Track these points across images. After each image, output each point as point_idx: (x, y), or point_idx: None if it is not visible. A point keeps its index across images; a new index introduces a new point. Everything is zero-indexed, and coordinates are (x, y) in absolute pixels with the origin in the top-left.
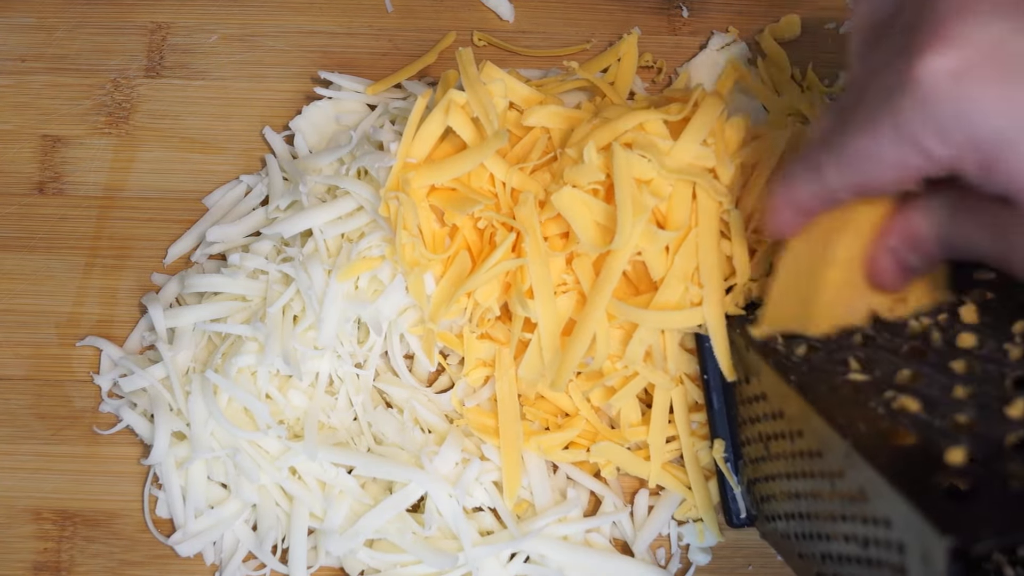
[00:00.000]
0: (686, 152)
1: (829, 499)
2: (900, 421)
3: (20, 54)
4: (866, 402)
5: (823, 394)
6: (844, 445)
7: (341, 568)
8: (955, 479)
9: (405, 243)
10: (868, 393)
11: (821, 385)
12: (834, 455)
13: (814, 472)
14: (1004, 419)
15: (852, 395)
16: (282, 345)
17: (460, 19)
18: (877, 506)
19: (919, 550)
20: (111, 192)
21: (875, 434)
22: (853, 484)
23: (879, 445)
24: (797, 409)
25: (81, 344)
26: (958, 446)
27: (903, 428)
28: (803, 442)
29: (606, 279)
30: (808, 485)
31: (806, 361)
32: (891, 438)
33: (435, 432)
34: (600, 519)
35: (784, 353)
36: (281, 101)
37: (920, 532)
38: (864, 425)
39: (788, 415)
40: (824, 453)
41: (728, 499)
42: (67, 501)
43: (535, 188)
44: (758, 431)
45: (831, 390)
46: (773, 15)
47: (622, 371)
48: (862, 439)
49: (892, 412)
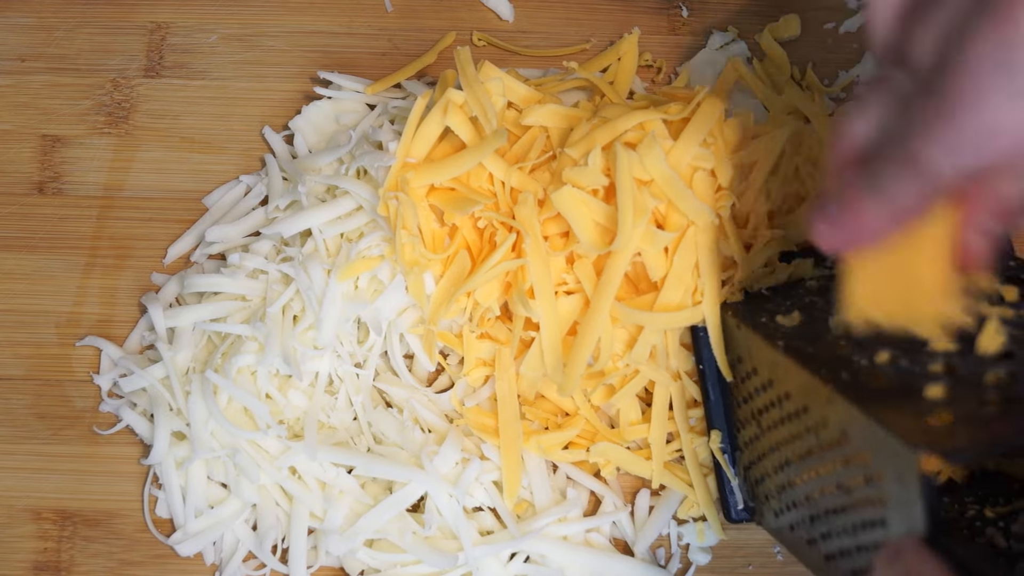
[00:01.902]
0: (685, 152)
1: (816, 455)
2: (882, 370)
3: (20, 54)
4: (850, 356)
5: (808, 354)
6: (826, 391)
7: (341, 568)
8: (931, 407)
9: (405, 243)
10: (852, 351)
11: (807, 347)
12: (817, 405)
13: (800, 432)
14: (983, 363)
15: (837, 351)
16: (282, 345)
17: (460, 19)
18: (855, 442)
19: (894, 473)
20: (111, 192)
21: (856, 380)
22: (835, 430)
23: (859, 387)
24: (784, 370)
25: (81, 344)
26: (937, 383)
27: (885, 374)
28: (790, 404)
29: (608, 282)
30: (796, 448)
31: (794, 330)
32: (872, 381)
33: (435, 432)
34: (600, 519)
35: (772, 326)
36: (281, 101)
37: (893, 452)
38: (846, 374)
39: (776, 380)
40: (809, 407)
41: (726, 492)
42: (67, 501)
43: (534, 187)
44: (751, 409)
45: (816, 351)
46: (773, 15)
47: (623, 370)
48: (843, 384)
49: (874, 364)
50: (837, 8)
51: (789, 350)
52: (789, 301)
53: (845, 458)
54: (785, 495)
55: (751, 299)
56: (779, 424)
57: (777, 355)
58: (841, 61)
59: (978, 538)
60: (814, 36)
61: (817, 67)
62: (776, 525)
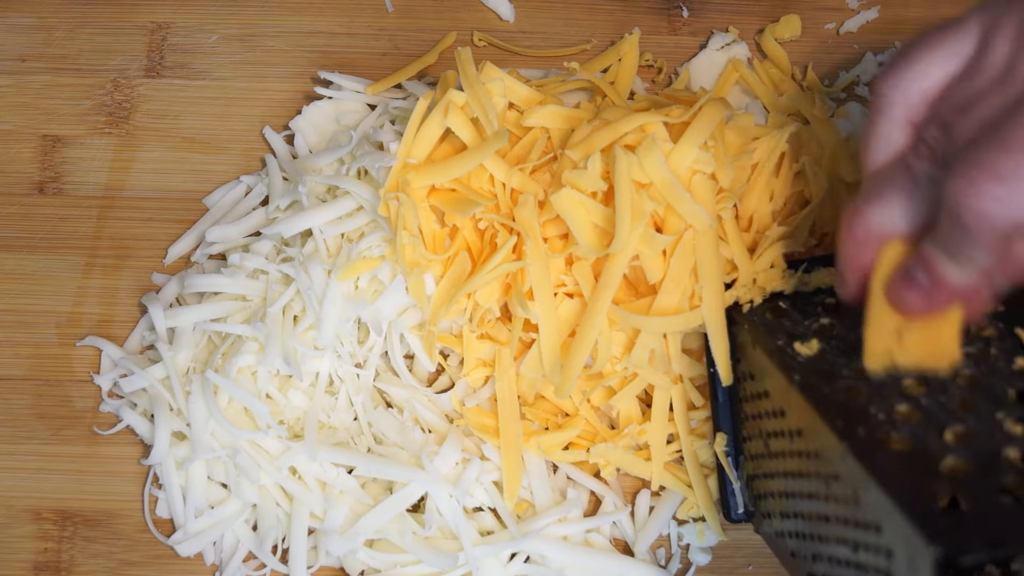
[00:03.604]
0: (685, 155)
1: (824, 501)
2: (899, 428)
3: (20, 54)
4: (866, 406)
5: (825, 396)
6: (841, 448)
7: (341, 568)
8: (949, 489)
9: (405, 243)
10: (870, 398)
11: (824, 387)
12: (831, 457)
13: (810, 472)
14: (1003, 432)
15: (853, 399)
16: (282, 345)
17: (460, 19)
18: (869, 511)
19: (906, 557)
20: (111, 192)
21: (872, 439)
22: (847, 487)
23: (875, 450)
24: (798, 409)
25: (81, 344)
26: (954, 456)
27: (901, 435)
28: (802, 442)
29: (606, 284)
30: (804, 485)
31: (811, 362)
32: (888, 444)
33: (435, 432)
34: (600, 519)
35: (789, 353)
36: (281, 101)
37: (908, 539)
38: (863, 430)
39: (789, 414)
40: (822, 454)
41: (727, 493)
42: (67, 501)
43: (535, 189)
44: (759, 427)
45: (833, 392)
46: (773, 15)
47: (622, 372)
48: (859, 443)
49: (892, 419)
50: (837, 8)
51: (805, 388)
52: (808, 320)
53: (855, 519)
54: (788, 522)
55: (767, 309)
56: (788, 455)
57: (791, 390)
58: (841, 61)
59: None
60: (814, 36)
61: (817, 67)
62: (775, 541)
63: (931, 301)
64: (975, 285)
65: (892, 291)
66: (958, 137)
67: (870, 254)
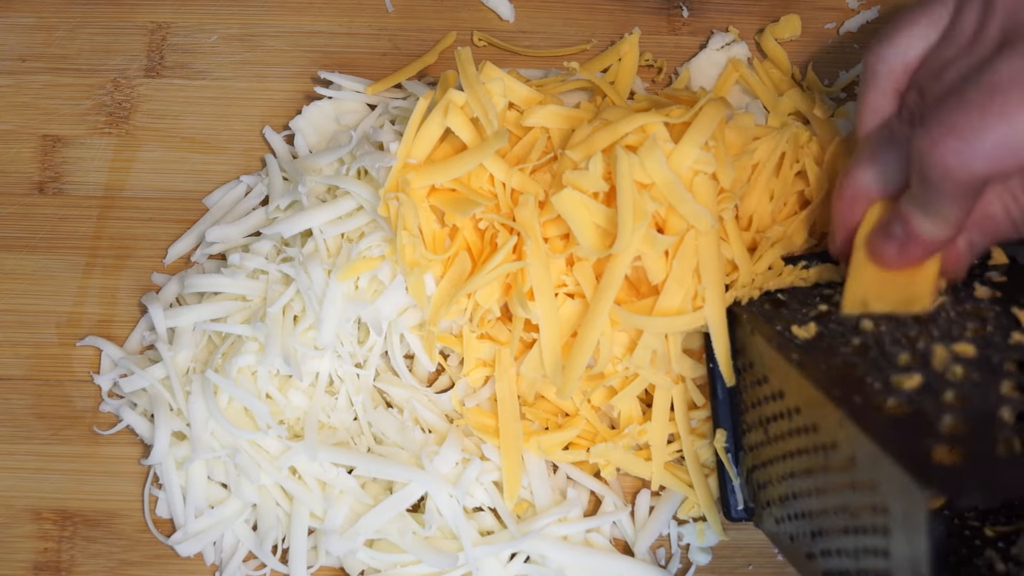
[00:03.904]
0: (686, 156)
1: (822, 473)
2: (895, 395)
3: (20, 54)
4: (863, 377)
5: (822, 371)
6: (838, 414)
7: (341, 568)
8: (944, 444)
9: (405, 243)
10: (866, 370)
11: (820, 363)
12: (828, 426)
13: (808, 447)
14: (998, 395)
15: (850, 371)
16: (282, 345)
17: (460, 19)
18: (864, 469)
19: (901, 509)
20: (111, 192)
21: (869, 405)
22: (844, 453)
23: (872, 414)
24: (796, 386)
25: (81, 344)
26: (950, 416)
27: (898, 400)
28: (800, 418)
29: (608, 285)
30: (803, 462)
31: (809, 343)
32: (884, 409)
33: (435, 432)
34: (600, 519)
35: (787, 336)
36: (281, 101)
37: (903, 490)
38: (859, 397)
39: (787, 393)
40: (819, 426)
41: (727, 491)
42: (67, 501)
43: (535, 189)
44: (759, 415)
45: (831, 368)
46: (773, 15)
47: (623, 372)
48: (856, 409)
49: (888, 387)
50: (837, 8)
51: (803, 366)
52: (806, 309)
53: (852, 482)
54: (788, 505)
55: (767, 302)
56: (787, 436)
57: (789, 369)
58: (841, 61)
59: (976, 560)
60: (814, 36)
61: (817, 67)
62: (775, 531)
63: (906, 253)
64: (947, 238)
65: (872, 244)
66: (929, 99)
67: (858, 213)
